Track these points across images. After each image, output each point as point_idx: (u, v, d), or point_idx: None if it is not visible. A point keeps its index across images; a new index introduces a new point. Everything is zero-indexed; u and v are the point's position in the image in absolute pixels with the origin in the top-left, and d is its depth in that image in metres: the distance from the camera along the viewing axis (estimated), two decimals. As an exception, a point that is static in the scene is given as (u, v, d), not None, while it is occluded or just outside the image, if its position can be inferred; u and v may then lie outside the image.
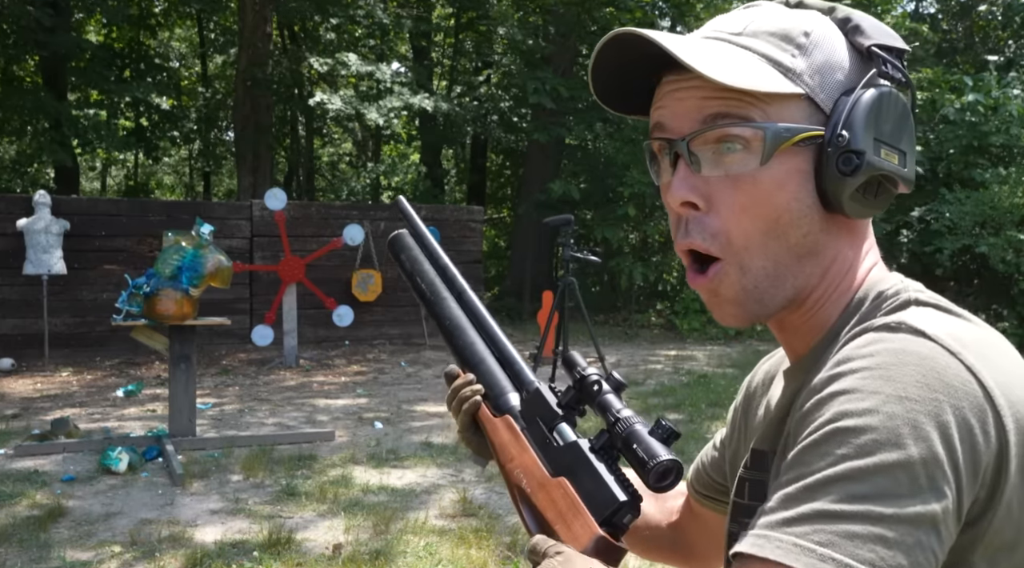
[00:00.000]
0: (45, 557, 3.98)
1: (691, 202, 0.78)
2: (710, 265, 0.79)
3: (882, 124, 0.76)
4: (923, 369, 0.66)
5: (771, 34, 0.78)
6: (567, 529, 0.84)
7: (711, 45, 0.78)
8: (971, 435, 0.64)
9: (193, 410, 5.88)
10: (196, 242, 5.84)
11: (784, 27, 0.78)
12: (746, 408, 1.01)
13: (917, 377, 0.65)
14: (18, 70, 16.10)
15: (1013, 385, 0.68)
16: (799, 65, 0.76)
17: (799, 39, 0.77)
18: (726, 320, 0.81)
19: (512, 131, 16.23)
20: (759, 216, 0.76)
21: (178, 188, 25.09)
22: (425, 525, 4.45)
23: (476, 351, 1.05)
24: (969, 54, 18.15)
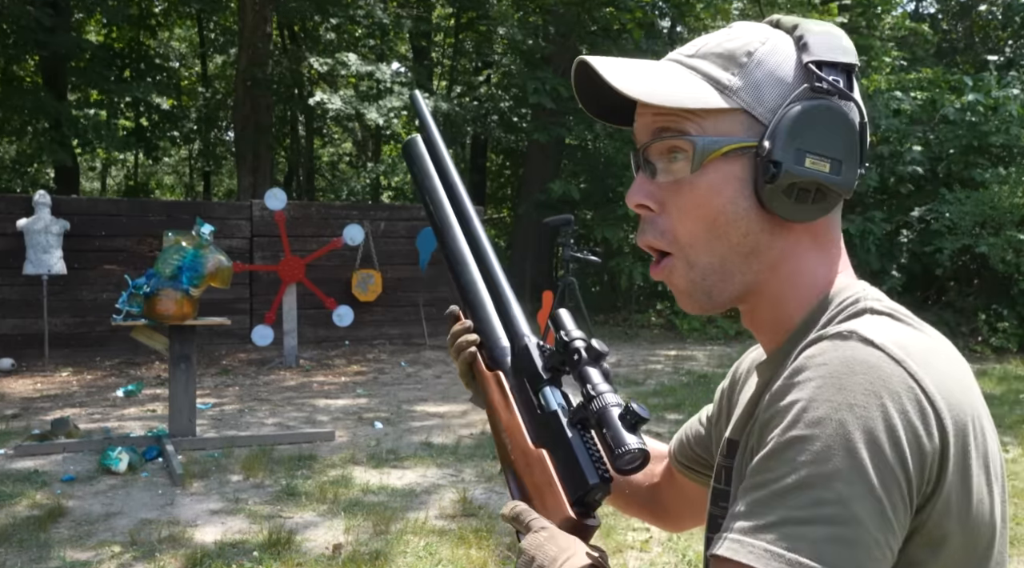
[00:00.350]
0: (45, 557, 3.98)
1: (644, 205, 0.89)
2: (662, 258, 0.90)
3: (808, 135, 0.82)
4: (870, 377, 0.72)
5: (717, 55, 0.87)
6: (541, 504, 0.90)
7: (659, 68, 0.89)
8: (916, 436, 0.71)
9: (193, 410, 5.88)
10: (196, 242, 5.84)
11: (730, 48, 0.87)
12: (730, 393, 1.10)
13: (865, 385, 0.72)
14: (18, 70, 16.10)
15: (952, 389, 0.75)
16: (735, 83, 0.85)
17: (741, 59, 0.86)
18: (683, 307, 0.92)
19: (512, 131, 16.23)
20: (699, 217, 0.86)
21: (178, 188, 25.09)
22: (425, 525, 4.45)
23: (477, 293, 1.09)
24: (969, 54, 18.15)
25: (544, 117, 14.22)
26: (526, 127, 15.25)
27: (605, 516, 4.59)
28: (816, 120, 0.83)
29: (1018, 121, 12.43)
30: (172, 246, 5.85)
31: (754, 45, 0.86)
